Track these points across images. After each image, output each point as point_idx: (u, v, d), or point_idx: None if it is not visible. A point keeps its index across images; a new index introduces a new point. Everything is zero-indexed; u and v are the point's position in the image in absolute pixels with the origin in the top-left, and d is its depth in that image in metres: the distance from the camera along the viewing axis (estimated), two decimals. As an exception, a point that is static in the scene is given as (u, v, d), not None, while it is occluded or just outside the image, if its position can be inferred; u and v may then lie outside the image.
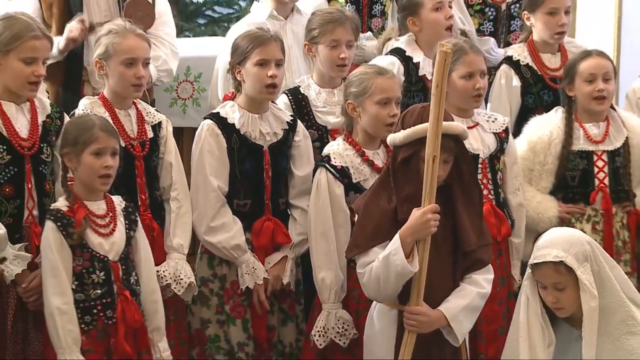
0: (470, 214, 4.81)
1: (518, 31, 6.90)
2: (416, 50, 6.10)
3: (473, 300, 4.77)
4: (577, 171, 5.85)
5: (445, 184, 4.75)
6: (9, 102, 5.11)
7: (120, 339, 4.82)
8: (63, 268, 4.76)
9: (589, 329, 4.58)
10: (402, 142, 4.70)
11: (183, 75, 6.69)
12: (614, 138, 5.86)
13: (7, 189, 5.04)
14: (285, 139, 5.55)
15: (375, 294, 4.77)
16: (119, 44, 5.23)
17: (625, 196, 5.87)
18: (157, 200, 5.40)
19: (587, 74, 5.75)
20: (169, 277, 5.25)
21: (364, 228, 4.82)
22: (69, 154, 4.83)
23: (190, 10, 8.26)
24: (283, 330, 5.57)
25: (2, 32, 5.08)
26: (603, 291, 4.63)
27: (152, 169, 5.37)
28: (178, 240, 5.34)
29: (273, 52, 5.43)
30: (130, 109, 5.35)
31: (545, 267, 4.63)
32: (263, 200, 5.51)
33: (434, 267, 4.66)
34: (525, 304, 4.74)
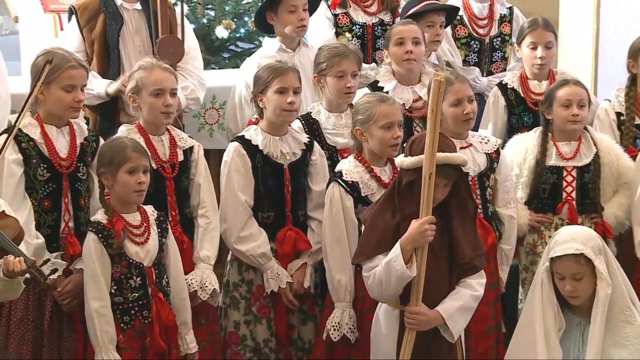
0: (465, 228, 4.81)
1: (499, 62, 6.93)
2: (390, 80, 6.06)
3: (467, 301, 4.77)
4: (548, 184, 5.84)
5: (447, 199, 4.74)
6: (51, 126, 5.11)
7: (155, 337, 4.85)
8: (102, 275, 4.78)
9: (601, 312, 4.64)
10: (408, 168, 4.71)
11: (210, 103, 6.66)
12: (584, 155, 5.84)
13: (46, 203, 5.07)
14: (303, 158, 5.56)
15: (379, 295, 4.79)
16: (147, 78, 5.24)
17: (593, 209, 5.84)
18: (188, 217, 5.39)
19: (564, 99, 5.74)
20: (195, 284, 5.25)
21: (370, 238, 4.82)
22: (106, 173, 4.86)
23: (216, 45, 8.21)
24: (303, 329, 5.58)
25: (42, 63, 4.97)
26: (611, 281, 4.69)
27: (182, 189, 5.37)
28: (205, 252, 5.33)
29: (291, 81, 5.45)
30: (163, 135, 5.35)
31: (566, 259, 4.69)
32: (285, 212, 5.52)
33: (431, 272, 4.68)
34: (540, 293, 4.77)
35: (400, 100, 5.81)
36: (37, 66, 5.04)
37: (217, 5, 8.28)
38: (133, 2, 6.15)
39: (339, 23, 6.67)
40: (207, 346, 5.38)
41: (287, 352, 5.54)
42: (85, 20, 6.09)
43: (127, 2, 6.13)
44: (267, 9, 6.26)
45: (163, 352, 4.85)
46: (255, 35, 7.98)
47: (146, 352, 4.83)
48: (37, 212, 5.03)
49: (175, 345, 4.95)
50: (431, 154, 4.51)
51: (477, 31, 6.92)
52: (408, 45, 5.95)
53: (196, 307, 5.25)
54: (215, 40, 8.13)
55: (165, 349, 4.85)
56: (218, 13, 8.26)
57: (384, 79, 6.06)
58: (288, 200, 5.50)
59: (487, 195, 5.60)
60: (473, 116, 5.55)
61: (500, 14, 6.97)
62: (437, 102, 4.52)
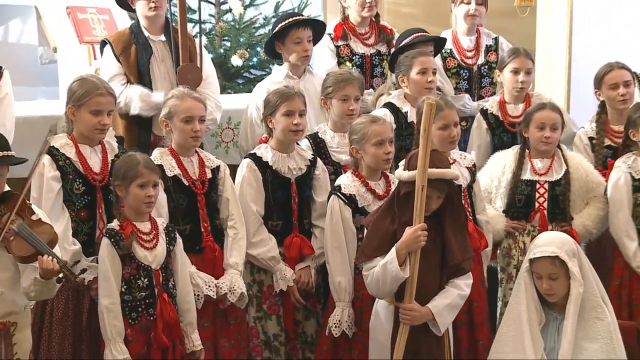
0: (456, 234, 4.85)
1: (488, 87, 6.90)
2: (405, 103, 6.04)
3: (454, 300, 4.82)
4: (523, 195, 5.83)
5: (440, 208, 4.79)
6: (84, 145, 5.12)
7: (159, 332, 4.81)
8: (113, 275, 4.76)
9: (574, 309, 4.72)
10: (405, 180, 4.74)
11: (226, 123, 6.65)
12: (555, 171, 5.83)
13: (83, 214, 5.08)
14: (308, 173, 5.57)
15: (376, 292, 4.84)
16: (179, 106, 5.24)
17: (562, 217, 5.81)
18: (218, 228, 5.37)
19: (539, 122, 5.74)
20: (225, 288, 5.23)
21: (371, 241, 4.87)
22: (120, 186, 4.84)
23: (232, 72, 8.20)
24: (306, 324, 5.59)
25: (76, 90, 5.11)
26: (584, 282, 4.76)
27: (212, 203, 5.34)
28: (234, 259, 5.31)
29: (297, 105, 5.47)
30: (192, 156, 5.34)
31: (543, 260, 4.78)
32: (291, 221, 5.52)
33: (424, 273, 4.73)
34: (524, 291, 4.86)
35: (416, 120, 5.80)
36: (71, 90, 5.11)
37: (232, 37, 8.30)
38: (158, 34, 6.16)
39: (340, 53, 6.67)
40: (236, 344, 5.38)
41: (293, 345, 5.54)
42: (120, 50, 6.11)
43: (153, 35, 6.14)
44: (275, 39, 6.25)
45: (166, 346, 4.82)
46: (266, 64, 8.01)
47: (151, 345, 4.81)
48: (75, 221, 5.04)
49: (179, 341, 4.91)
50: (423, 168, 4.57)
51: (465, 61, 6.91)
52: (429, 76, 5.96)
53: (226, 308, 5.29)
54: (230, 68, 8.14)
55: (167, 344, 4.82)
56: (233, 44, 8.28)
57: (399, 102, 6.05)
58: (295, 210, 5.50)
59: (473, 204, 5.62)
60: (457, 139, 5.55)
61: (486, 45, 6.96)
62: (429, 123, 4.57)
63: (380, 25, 6.81)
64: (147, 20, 6.12)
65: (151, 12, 6.05)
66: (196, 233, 5.23)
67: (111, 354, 4.69)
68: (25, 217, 4.46)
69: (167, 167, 5.16)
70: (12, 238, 4.36)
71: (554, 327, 4.85)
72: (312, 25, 6.30)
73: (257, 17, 8.52)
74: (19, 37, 8.80)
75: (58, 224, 4.79)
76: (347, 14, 6.77)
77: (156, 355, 4.82)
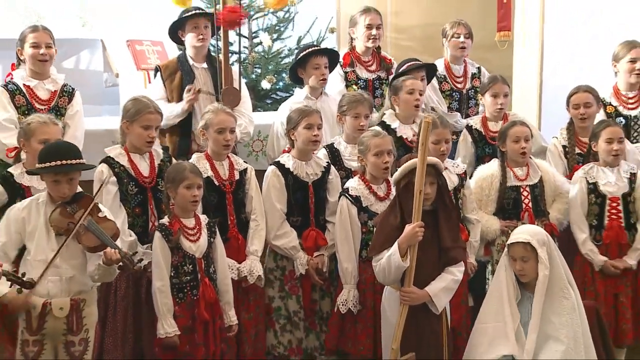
0: (448, 226, 4.87)
1: (473, 107, 6.84)
2: (395, 120, 6.00)
3: (449, 284, 4.83)
4: (510, 199, 5.77)
5: (433, 208, 4.81)
6: (135, 154, 5.16)
7: (201, 309, 4.83)
8: (163, 262, 4.78)
9: (541, 289, 4.77)
10: (399, 176, 4.79)
11: (256, 135, 6.57)
12: (532, 177, 5.81)
13: (137, 210, 5.12)
14: (322, 177, 5.53)
15: (383, 279, 4.86)
16: (213, 119, 5.28)
17: (542, 213, 5.76)
18: (244, 221, 5.35)
19: (515, 136, 5.73)
20: (246, 271, 5.23)
21: (379, 237, 4.88)
22: (170, 188, 4.87)
23: (262, 94, 8.20)
24: (322, 303, 5.54)
25: (130, 108, 5.16)
26: (552, 267, 4.79)
27: (239, 200, 5.34)
28: (254, 247, 5.31)
29: (315, 120, 5.46)
30: (224, 161, 5.35)
31: (518, 245, 4.84)
32: (309, 217, 5.48)
33: (423, 262, 4.76)
34: (504, 271, 4.91)
35: (404, 134, 5.89)
36: (125, 108, 5.18)
37: (262, 65, 8.29)
38: (201, 62, 6.15)
39: (348, 78, 6.62)
40: (254, 316, 5.35)
41: (312, 321, 5.50)
42: (167, 75, 6.11)
43: (197, 63, 6.13)
44: (298, 66, 6.23)
45: (207, 321, 4.83)
46: (290, 87, 7.97)
47: (195, 320, 4.81)
48: (131, 216, 5.08)
49: (219, 317, 4.91)
50: (421, 175, 4.59)
51: (456, 85, 6.83)
52: (416, 95, 5.94)
53: (247, 287, 5.25)
54: (261, 91, 8.12)
55: (209, 319, 4.83)
56: (263, 71, 8.27)
57: (390, 119, 5.99)
58: (311, 209, 5.46)
59: (459, 204, 5.57)
60: (447, 153, 5.57)
61: (471, 72, 6.90)
62: (426, 137, 4.58)
63: (381, 55, 6.76)
64: (193, 50, 6.11)
65: (199, 42, 6.05)
66: (224, 225, 5.22)
67: (162, 327, 4.72)
68: (93, 214, 4.46)
69: (201, 169, 5.12)
70: (83, 232, 4.37)
71: (527, 304, 4.85)
72: (328, 54, 6.27)
73: (283, 49, 8.53)
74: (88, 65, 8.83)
75: (117, 219, 4.80)
76: (355, 44, 6.72)
77: (199, 328, 4.82)
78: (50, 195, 4.47)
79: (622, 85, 6.40)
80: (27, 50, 5.61)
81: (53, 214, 4.40)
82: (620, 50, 6.36)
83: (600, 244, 5.66)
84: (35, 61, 5.61)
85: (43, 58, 5.60)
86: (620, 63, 6.35)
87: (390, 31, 7.67)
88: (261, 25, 8.44)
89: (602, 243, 5.66)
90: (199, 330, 4.81)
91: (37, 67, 5.63)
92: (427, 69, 6.45)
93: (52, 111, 5.60)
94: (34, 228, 4.44)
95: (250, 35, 8.43)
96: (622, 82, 6.39)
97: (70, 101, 5.75)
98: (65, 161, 4.39)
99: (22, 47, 5.64)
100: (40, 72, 5.65)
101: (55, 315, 4.39)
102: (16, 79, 5.64)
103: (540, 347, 4.72)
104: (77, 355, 4.45)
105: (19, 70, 5.69)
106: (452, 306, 5.17)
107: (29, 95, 5.60)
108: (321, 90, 6.26)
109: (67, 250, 4.37)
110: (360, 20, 6.64)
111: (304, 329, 5.47)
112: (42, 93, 5.65)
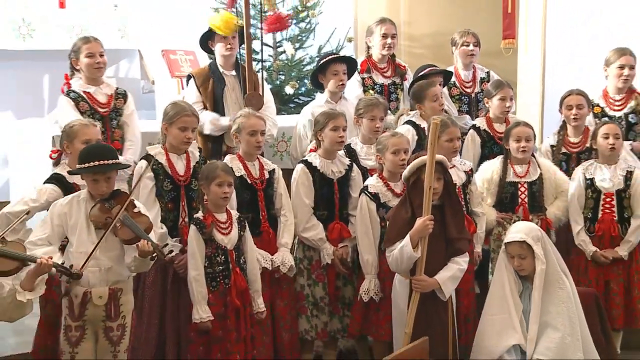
0: (454, 220, 4.88)
1: (482, 109, 6.73)
2: (422, 120, 5.98)
3: (455, 273, 4.85)
4: (508, 194, 5.77)
5: (440, 203, 4.81)
6: (173, 153, 5.14)
7: (233, 297, 4.84)
8: (198, 253, 4.78)
9: (539, 282, 4.75)
10: (408, 173, 4.83)
11: (280, 137, 6.56)
12: (531, 174, 5.80)
13: (170, 205, 5.09)
14: (346, 175, 5.49)
15: (396, 268, 4.86)
16: (245, 122, 5.25)
17: (539, 209, 5.76)
18: (274, 216, 5.31)
19: (516, 136, 5.74)
20: (278, 262, 5.19)
21: (392, 230, 4.89)
22: (203, 185, 4.87)
23: (285, 98, 8.15)
24: (345, 289, 5.50)
25: (169, 111, 5.15)
26: (547, 261, 4.78)
27: (269, 197, 5.29)
28: (285, 240, 5.26)
29: (341, 122, 5.43)
30: (254, 162, 5.31)
31: (514, 244, 4.82)
32: (334, 211, 5.43)
33: (432, 253, 4.77)
34: (504, 267, 4.89)
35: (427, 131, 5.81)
36: (165, 111, 5.18)
37: (286, 72, 8.26)
38: (230, 69, 6.14)
39: (365, 83, 6.59)
40: (288, 304, 5.33)
41: (335, 306, 5.46)
42: (200, 82, 6.10)
43: (226, 70, 6.12)
44: (319, 72, 6.21)
45: (238, 308, 4.83)
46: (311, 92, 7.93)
47: (227, 307, 4.81)
48: (164, 211, 5.05)
49: (248, 304, 4.90)
50: (430, 172, 4.61)
51: (465, 90, 6.78)
52: (440, 100, 5.97)
53: (280, 277, 5.23)
54: (284, 95, 8.09)
55: (239, 306, 4.82)
56: (287, 77, 8.24)
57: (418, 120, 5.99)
58: (336, 204, 5.41)
59: (467, 199, 5.54)
60: (458, 149, 5.59)
61: (480, 77, 6.84)
62: (435, 137, 4.59)
63: (396, 62, 6.73)
64: (223, 59, 6.10)
65: (227, 51, 6.05)
66: (256, 220, 5.19)
67: (197, 313, 4.72)
68: (129, 210, 4.45)
69: (235, 169, 5.11)
70: (119, 226, 4.37)
71: (527, 294, 4.85)
72: (347, 62, 6.24)
73: (305, 57, 8.49)
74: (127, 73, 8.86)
75: (151, 212, 4.79)
76: (371, 52, 6.69)
77: (231, 315, 4.82)
78: (90, 192, 4.48)
79: (611, 89, 6.45)
80: (82, 60, 5.66)
81: (92, 209, 4.41)
82: (611, 56, 6.41)
83: (593, 235, 5.70)
84: (91, 69, 5.67)
85: (98, 66, 5.68)
86: (610, 68, 6.39)
87: (404, 40, 7.67)
88: (285, 36, 8.41)
89: (595, 234, 5.70)
90: (231, 317, 4.81)
91: (94, 74, 5.69)
92: (444, 74, 6.50)
93: (112, 113, 5.71)
94: (75, 222, 4.44)
95: (275, 44, 8.41)
96: (611, 86, 6.45)
97: (125, 102, 5.80)
98: (102, 161, 4.40)
99: (77, 57, 5.70)
100: (96, 78, 5.71)
101: (95, 303, 4.39)
102: (75, 88, 5.70)
103: (540, 335, 4.72)
104: (115, 340, 4.45)
105: (75, 79, 5.75)
106: (462, 293, 5.18)
107: (90, 100, 5.66)
108: (340, 95, 6.22)
109: (106, 243, 4.36)
110: (376, 30, 6.62)
111: (329, 313, 5.44)
112: (101, 97, 5.71)
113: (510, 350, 4.71)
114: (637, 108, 6.33)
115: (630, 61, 6.33)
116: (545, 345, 4.67)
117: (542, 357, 4.64)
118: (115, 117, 5.70)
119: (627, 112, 6.35)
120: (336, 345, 5.65)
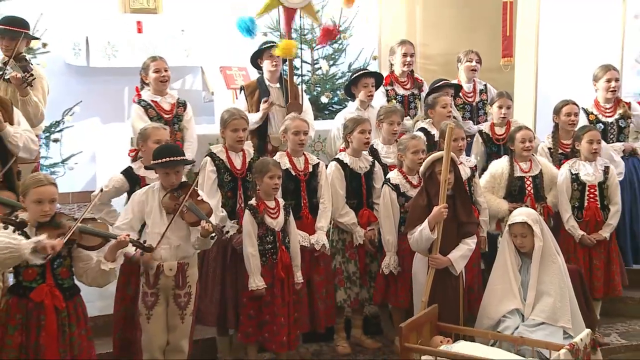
0: (464, 207, 4.88)
1: (482, 116, 6.68)
2: (432, 127, 5.91)
3: (465, 252, 4.87)
4: (517, 187, 5.64)
5: (452, 194, 4.80)
6: (232, 151, 5.10)
7: (279, 270, 4.80)
8: (252, 233, 4.75)
9: (537, 257, 4.71)
10: (424, 168, 4.87)
11: (317, 139, 6.51)
12: (534, 169, 5.69)
13: (229, 194, 5.05)
14: (370, 170, 5.41)
15: (416, 248, 4.84)
16: (291, 124, 5.20)
17: (542, 198, 5.66)
18: (314, 204, 5.21)
19: (521, 138, 5.62)
20: (314, 241, 5.10)
21: (412, 217, 4.91)
22: (257, 177, 4.82)
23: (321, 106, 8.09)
24: (372, 265, 5.43)
25: (223, 117, 5.12)
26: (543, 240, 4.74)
27: (311, 187, 5.20)
28: (321, 224, 5.15)
29: (367, 126, 5.37)
30: (300, 157, 5.24)
31: (517, 225, 4.78)
32: (362, 200, 5.35)
33: (445, 235, 4.76)
34: (507, 245, 4.84)
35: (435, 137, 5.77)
36: (221, 117, 5.14)
37: (322, 85, 8.22)
38: (275, 83, 6.08)
39: (388, 94, 6.52)
40: (324, 278, 5.23)
41: (364, 279, 5.40)
42: (248, 93, 6.07)
43: (272, 83, 6.07)
44: (351, 84, 6.16)
45: (283, 279, 4.79)
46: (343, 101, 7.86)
47: (274, 278, 4.78)
48: (224, 198, 5.01)
49: (291, 276, 4.87)
50: (446, 168, 4.63)
51: (467, 100, 6.67)
52: (449, 108, 5.91)
53: (318, 255, 5.12)
54: (320, 104, 8.04)
55: (284, 277, 4.79)
56: (322, 89, 8.19)
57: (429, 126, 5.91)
58: (364, 194, 5.34)
59: (471, 190, 5.43)
60: (463, 148, 5.50)
61: (479, 89, 6.74)
62: (450, 139, 4.63)
63: (414, 77, 6.66)
64: (269, 74, 6.05)
65: (273, 67, 6.00)
66: (299, 206, 5.11)
67: (254, 282, 4.71)
68: (193, 198, 4.44)
69: (282, 163, 5.05)
70: (186, 211, 4.36)
71: (525, 268, 4.79)
72: (375, 76, 6.19)
73: (337, 72, 8.47)
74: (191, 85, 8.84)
75: (213, 200, 4.79)
76: (393, 68, 6.63)
77: (277, 284, 4.79)
78: (162, 184, 4.49)
79: (601, 99, 6.35)
80: (151, 75, 5.64)
81: (164, 198, 4.43)
82: (598, 73, 6.34)
83: (581, 221, 5.62)
84: (158, 82, 5.64)
85: (164, 79, 5.64)
86: (599, 82, 6.32)
87: (420, 58, 7.58)
88: (321, 54, 8.42)
89: (582, 220, 5.62)
90: (277, 286, 4.79)
91: (160, 87, 5.66)
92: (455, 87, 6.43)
93: (174, 118, 5.67)
94: (150, 208, 4.46)
95: (313, 62, 8.40)
96: (601, 97, 6.35)
97: (185, 110, 5.76)
98: (173, 158, 4.41)
99: (146, 73, 5.68)
100: (162, 90, 5.69)
101: (166, 274, 4.41)
102: (144, 97, 5.69)
103: (536, 300, 4.68)
104: (182, 305, 4.47)
105: (144, 91, 5.73)
106: (466, 268, 5.10)
107: (157, 108, 5.63)
108: (368, 104, 6.16)
109: (175, 225, 4.36)
110: (397, 50, 6.56)
111: (359, 285, 5.38)
112: (166, 106, 5.67)
113: (511, 312, 4.67)
114: (625, 114, 6.28)
115: (615, 75, 6.27)
116: (540, 308, 4.63)
117: (537, 317, 4.61)
118: (176, 122, 5.67)
119: (617, 117, 6.28)
120: (362, 311, 5.59)
